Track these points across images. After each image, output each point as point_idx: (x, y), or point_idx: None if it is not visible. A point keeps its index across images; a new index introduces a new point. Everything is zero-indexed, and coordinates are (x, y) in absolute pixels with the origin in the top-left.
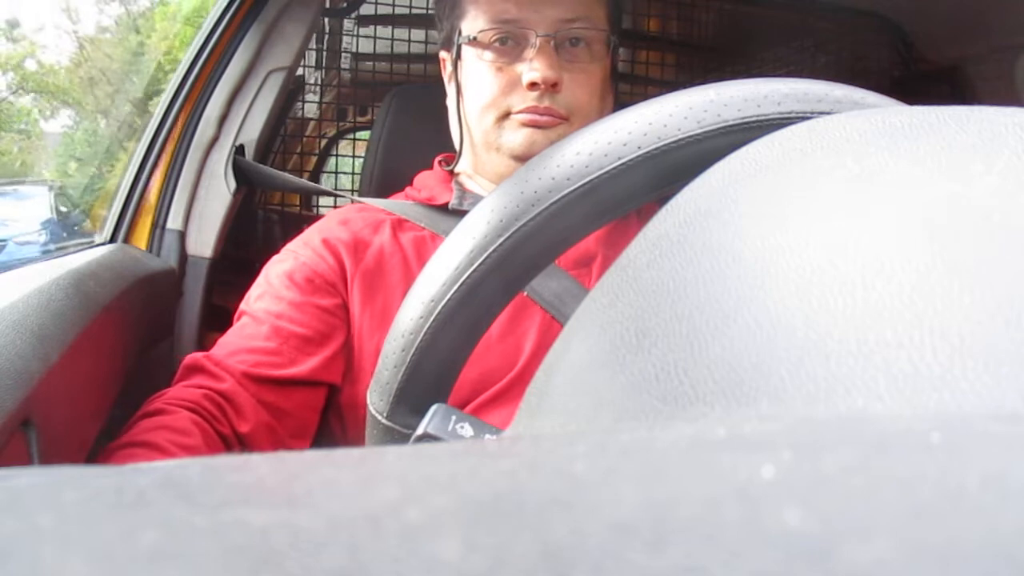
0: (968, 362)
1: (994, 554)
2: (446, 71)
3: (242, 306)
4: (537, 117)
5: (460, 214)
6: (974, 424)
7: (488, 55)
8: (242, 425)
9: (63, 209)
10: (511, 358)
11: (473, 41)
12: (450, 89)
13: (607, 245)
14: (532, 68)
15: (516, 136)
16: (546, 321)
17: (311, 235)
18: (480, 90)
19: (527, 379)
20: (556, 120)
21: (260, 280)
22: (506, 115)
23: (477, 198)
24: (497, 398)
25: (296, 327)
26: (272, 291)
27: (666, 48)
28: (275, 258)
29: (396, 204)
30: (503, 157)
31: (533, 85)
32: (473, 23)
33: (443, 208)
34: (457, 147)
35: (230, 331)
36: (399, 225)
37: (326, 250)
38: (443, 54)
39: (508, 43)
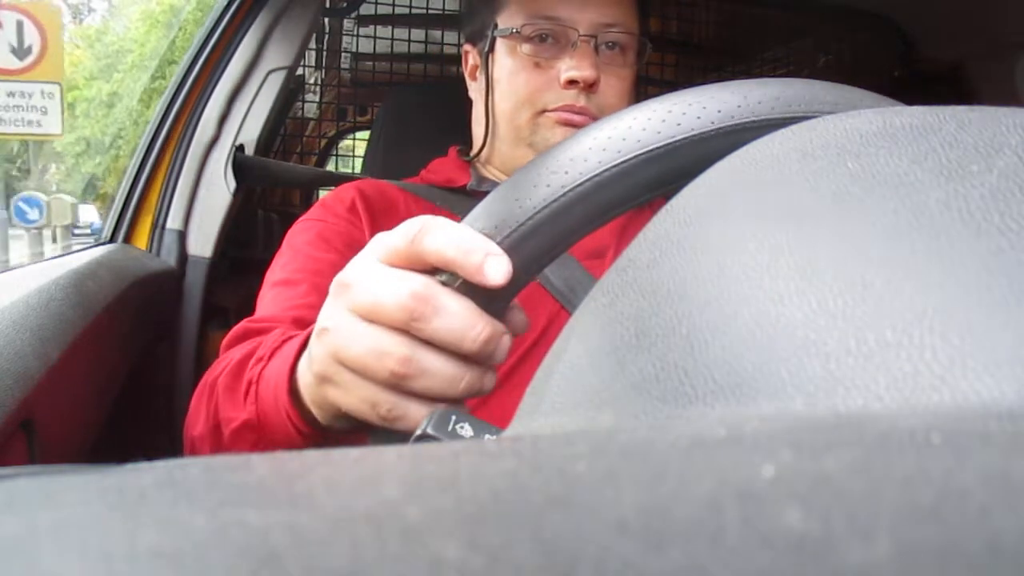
0: (968, 362)
1: (994, 554)
2: (468, 64)
3: (268, 277)
4: (573, 116)
5: (478, 195)
6: (974, 424)
7: (526, 49)
8: None
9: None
10: (517, 343)
11: (513, 35)
12: (475, 84)
13: (621, 237)
14: (573, 66)
15: (553, 135)
16: (556, 309)
17: (334, 204)
18: (516, 85)
19: (530, 362)
20: (590, 120)
21: (283, 251)
22: (541, 112)
23: (494, 182)
24: (503, 381)
25: None
26: (304, 254)
27: (666, 48)
28: (295, 229)
29: (410, 185)
30: (534, 154)
31: (572, 83)
32: (513, 17)
33: (460, 190)
34: (479, 141)
35: (263, 302)
36: (414, 203)
37: (355, 216)
38: (468, 47)
39: (548, 40)
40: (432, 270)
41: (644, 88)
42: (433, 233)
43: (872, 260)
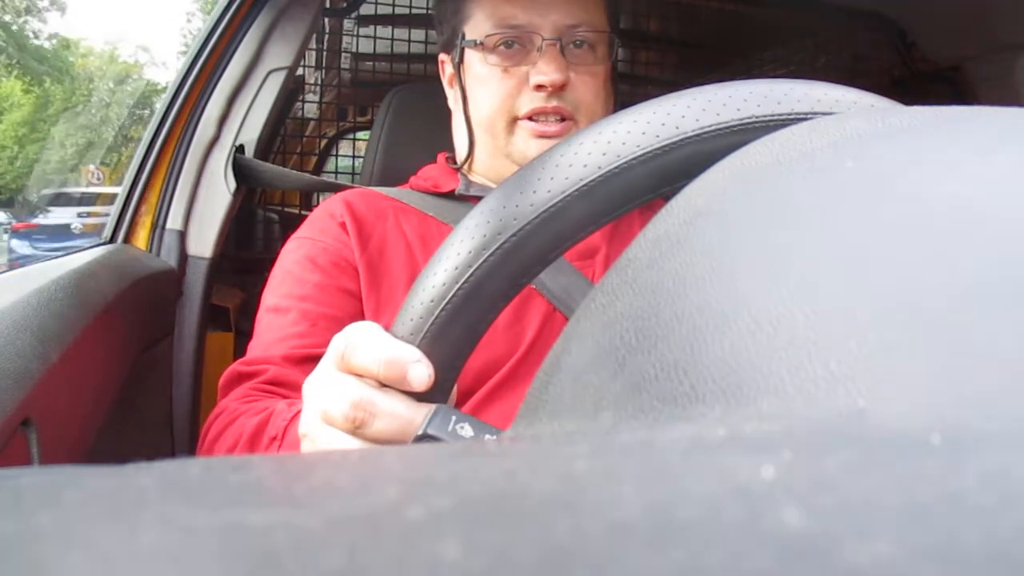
0: (969, 362)
1: (994, 554)
2: (446, 73)
3: (263, 300)
4: (548, 128)
5: (466, 200)
6: (974, 424)
7: (493, 58)
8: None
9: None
10: (514, 345)
11: (478, 45)
12: (453, 93)
13: (611, 239)
14: (539, 71)
15: (528, 146)
16: (549, 310)
17: (323, 220)
18: (487, 94)
19: (529, 365)
20: (565, 128)
21: (276, 272)
22: (515, 120)
23: (482, 187)
24: (501, 385)
25: (324, 308)
26: (292, 277)
27: (666, 48)
28: (287, 248)
29: (400, 192)
30: (514, 165)
31: (540, 87)
32: (478, 27)
33: (449, 195)
34: (464, 149)
35: (256, 332)
36: (403, 212)
37: (343, 233)
38: (443, 56)
39: (514, 46)
40: None
41: (644, 88)
42: (357, 352)
43: (872, 260)
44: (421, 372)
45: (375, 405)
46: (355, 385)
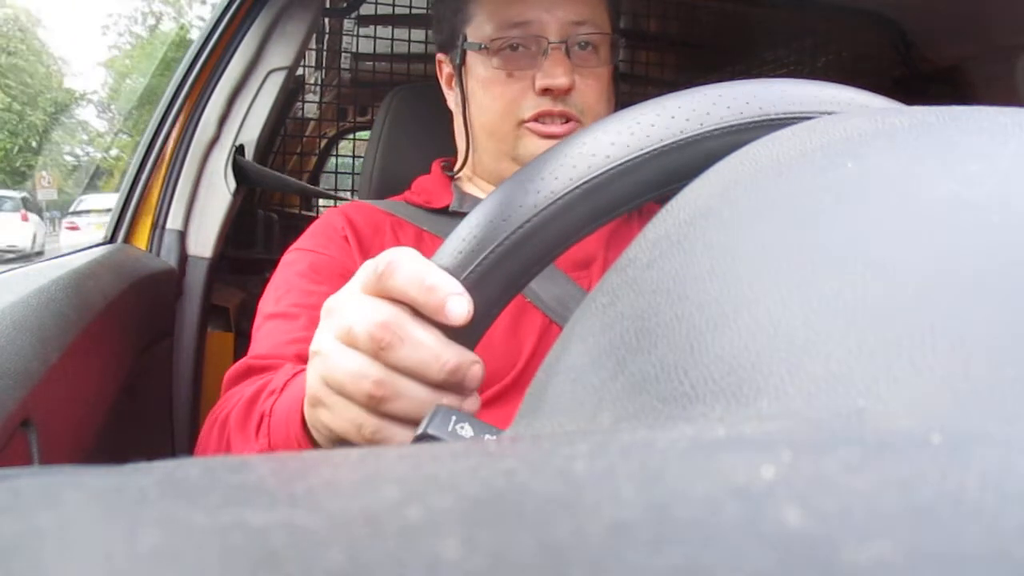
0: (969, 362)
1: (994, 554)
2: (443, 73)
3: (263, 309)
4: (554, 128)
5: (460, 216)
6: (974, 424)
7: (497, 62)
8: None
9: None
10: (511, 359)
11: (482, 49)
12: (452, 94)
13: (607, 247)
14: (546, 74)
15: (536, 147)
16: (545, 323)
17: (325, 232)
18: (492, 98)
19: (526, 379)
20: (570, 128)
21: (278, 283)
22: (520, 123)
23: (476, 201)
24: (498, 398)
25: None
26: (298, 287)
27: (666, 48)
28: (288, 260)
29: (395, 205)
30: (518, 167)
31: (547, 91)
32: (481, 29)
33: (442, 211)
34: (462, 152)
35: (259, 336)
36: (399, 226)
37: (346, 244)
38: (441, 57)
39: (519, 49)
40: None
41: (644, 88)
42: (398, 271)
43: (872, 260)
44: (461, 304)
45: (404, 329)
46: (386, 306)
